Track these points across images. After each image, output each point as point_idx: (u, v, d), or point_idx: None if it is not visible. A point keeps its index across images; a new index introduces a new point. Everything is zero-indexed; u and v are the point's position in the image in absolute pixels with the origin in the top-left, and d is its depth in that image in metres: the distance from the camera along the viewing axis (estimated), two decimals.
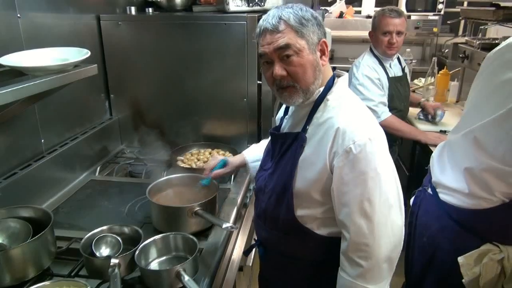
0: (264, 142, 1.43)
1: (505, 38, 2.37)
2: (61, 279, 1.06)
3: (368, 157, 0.99)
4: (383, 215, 1.01)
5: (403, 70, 2.56)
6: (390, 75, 2.42)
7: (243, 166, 1.51)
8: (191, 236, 1.18)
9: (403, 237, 1.07)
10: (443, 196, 1.39)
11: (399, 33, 2.32)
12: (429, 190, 1.46)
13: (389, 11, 2.30)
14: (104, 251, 1.15)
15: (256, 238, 1.35)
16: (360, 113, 1.08)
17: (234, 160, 1.51)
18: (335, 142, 1.02)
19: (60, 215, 1.46)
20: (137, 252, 1.11)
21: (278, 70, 1.04)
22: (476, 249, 1.30)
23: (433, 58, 2.99)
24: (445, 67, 3.11)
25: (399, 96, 2.47)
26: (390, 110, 2.37)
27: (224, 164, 1.47)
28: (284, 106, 1.28)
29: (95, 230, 1.18)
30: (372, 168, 0.99)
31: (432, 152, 1.57)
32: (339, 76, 1.14)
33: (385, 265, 1.03)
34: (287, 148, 1.13)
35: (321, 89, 1.10)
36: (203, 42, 1.88)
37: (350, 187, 1.00)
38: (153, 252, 1.18)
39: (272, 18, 1.03)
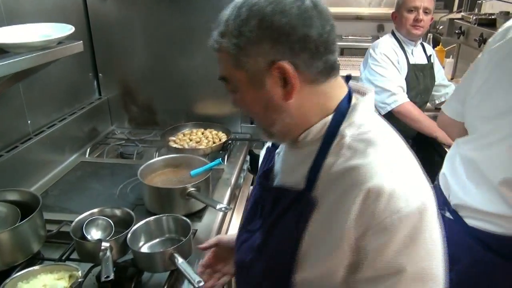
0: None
1: (502, 13, 2.35)
2: (52, 263, 1.04)
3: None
4: None
5: (428, 58, 2.31)
6: (411, 62, 2.21)
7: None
8: (184, 218, 1.16)
9: None
10: (472, 222, 1.13)
11: (426, 10, 2.12)
12: (448, 214, 1.22)
13: None
14: (95, 234, 1.12)
15: None
16: (403, 161, 0.69)
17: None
18: (365, 210, 0.64)
19: (49, 198, 1.42)
20: (129, 235, 1.08)
21: (232, 100, 0.77)
22: None
23: (428, 35, 2.95)
24: (440, 44, 3.07)
25: (416, 86, 2.22)
26: None
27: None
28: None
29: (86, 213, 1.15)
30: None
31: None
32: (361, 93, 0.77)
33: None
34: (284, 209, 0.75)
35: (329, 118, 0.72)
36: (194, 17, 1.82)
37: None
38: (145, 235, 1.16)
39: (214, 28, 0.72)
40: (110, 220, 1.14)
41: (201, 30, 1.83)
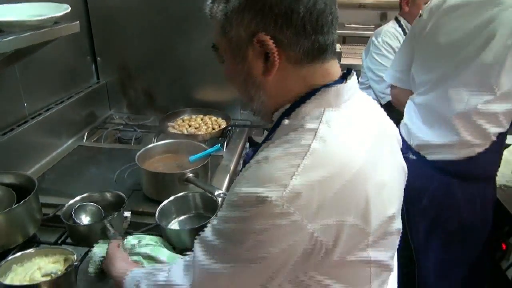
0: None
1: None
2: (47, 246, 1.03)
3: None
4: None
5: None
6: None
7: None
8: (209, 194, 1.17)
9: None
10: (431, 156, 1.41)
11: None
12: (411, 156, 1.46)
13: None
14: (85, 219, 1.12)
15: None
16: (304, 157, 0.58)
17: None
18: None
19: (46, 182, 1.41)
20: (157, 213, 1.09)
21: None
22: (480, 196, 1.39)
23: None
24: None
25: None
26: None
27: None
28: None
29: (76, 198, 1.15)
30: None
31: None
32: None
33: None
34: None
35: (287, 106, 0.68)
36: (195, 2, 1.78)
37: None
38: (173, 212, 1.17)
39: None
40: (98, 206, 1.14)
41: (202, 15, 1.79)
